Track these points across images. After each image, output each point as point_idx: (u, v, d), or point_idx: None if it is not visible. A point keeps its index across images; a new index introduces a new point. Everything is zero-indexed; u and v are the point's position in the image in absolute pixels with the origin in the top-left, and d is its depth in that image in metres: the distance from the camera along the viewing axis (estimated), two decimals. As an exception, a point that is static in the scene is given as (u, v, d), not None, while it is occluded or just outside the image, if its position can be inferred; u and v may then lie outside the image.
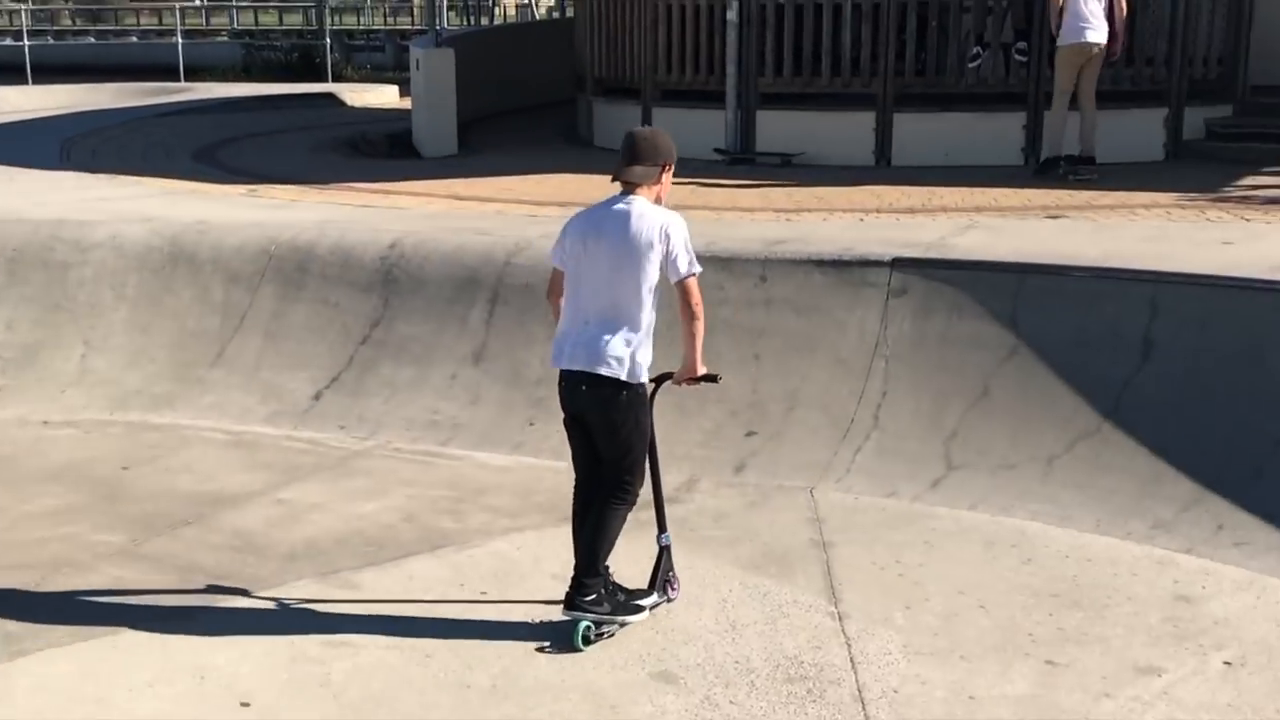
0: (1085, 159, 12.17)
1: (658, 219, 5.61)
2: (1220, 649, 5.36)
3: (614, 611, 5.55)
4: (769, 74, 14.01)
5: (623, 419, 5.56)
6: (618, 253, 5.55)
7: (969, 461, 7.19)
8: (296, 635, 5.54)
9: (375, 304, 9.27)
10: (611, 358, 5.49)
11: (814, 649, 5.39)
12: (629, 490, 5.61)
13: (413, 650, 5.39)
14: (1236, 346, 7.28)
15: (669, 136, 5.92)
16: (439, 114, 15.80)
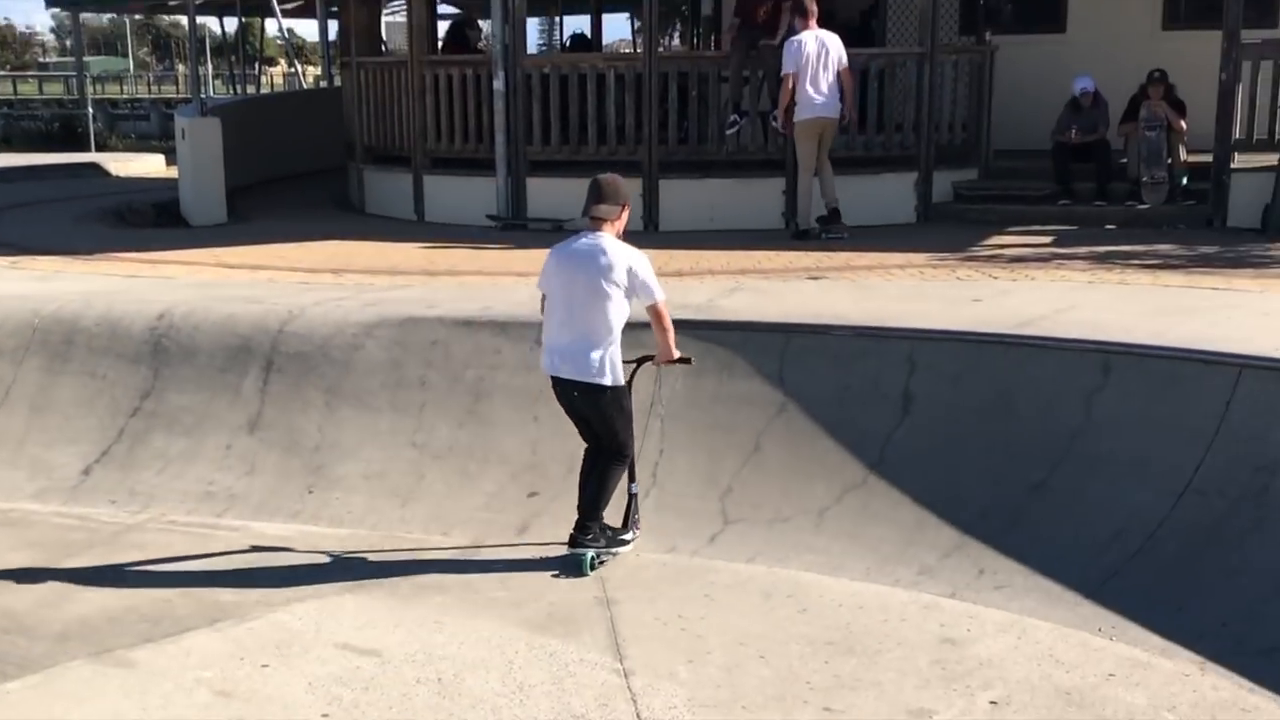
0: (832, 214, 12.67)
1: (624, 257, 6.90)
2: (986, 689, 5.61)
3: (608, 545, 7.03)
4: (537, 142, 14.21)
5: (610, 411, 6.95)
6: (593, 285, 6.85)
7: (745, 515, 7.40)
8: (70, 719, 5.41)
9: (145, 375, 9.11)
10: (595, 369, 6.84)
11: (600, 706, 5.48)
12: (624, 454, 7.05)
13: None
14: (989, 398, 7.68)
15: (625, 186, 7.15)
16: (206, 182, 15.60)
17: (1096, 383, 7.45)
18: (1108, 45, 14.99)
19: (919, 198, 13.92)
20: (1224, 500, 6.69)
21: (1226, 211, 12.62)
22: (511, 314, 8.94)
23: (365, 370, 8.81)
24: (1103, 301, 9.03)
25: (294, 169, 20.18)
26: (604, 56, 17.24)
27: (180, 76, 66.05)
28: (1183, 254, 11.21)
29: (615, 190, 7.07)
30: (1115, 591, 6.46)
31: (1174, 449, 6.99)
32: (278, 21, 32.10)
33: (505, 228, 14.03)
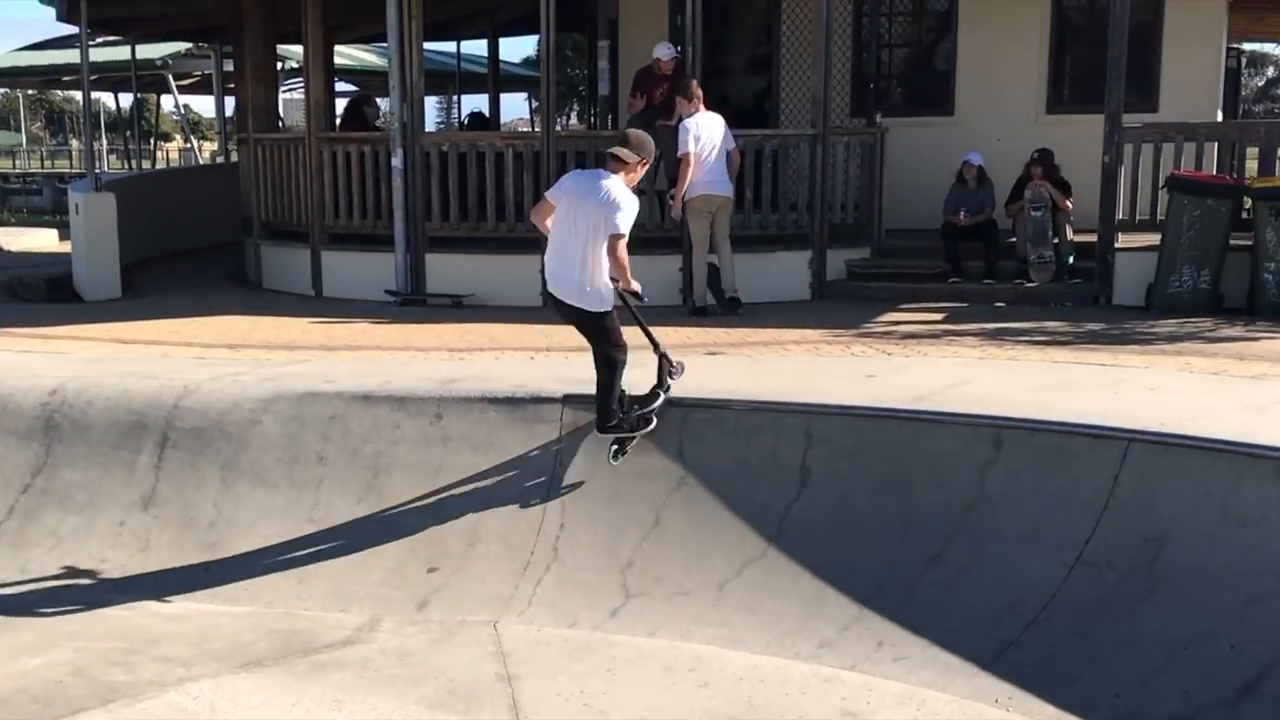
0: (731, 302, 12.89)
1: (619, 195, 7.80)
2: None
3: (632, 429, 8.08)
4: (436, 219, 14.24)
5: (598, 326, 7.98)
6: (589, 213, 7.80)
7: (646, 589, 7.43)
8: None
9: (37, 451, 8.96)
10: (583, 296, 7.89)
11: (502, 780, 5.47)
12: (615, 357, 7.98)
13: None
14: (885, 472, 7.79)
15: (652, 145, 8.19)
16: (100, 257, 15.42)
17: (989, 456, 7.59)
18: (994, 128, 15.37)
19: (813, 275, 14.10)
20: (1114, 571, 6.84)
21: (1112, 289, 12.95)
22: (411, 389, 8.93)
23: (262, 446, 8.73)
24: (994, 377, 9.21)
25: (190, 244, 20.03)
26: (502, 135, 17.35)
27: (74, 151, 65.38)
28: (1070, 331, 11.46)
29: (640, 143, 8.06)
30: (1011, 662, 6.56)
31: (1065, 521, 7.14)
32: (174, 97, 32.01)
33: (404, 303, 14.01)
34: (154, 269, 17.79)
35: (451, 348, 11.20)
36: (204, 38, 24.94)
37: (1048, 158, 13.75)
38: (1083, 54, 15.92)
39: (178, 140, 62.04)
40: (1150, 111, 14.70)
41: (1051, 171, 13.71)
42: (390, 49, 14.10)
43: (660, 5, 16.79)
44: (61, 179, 38.86)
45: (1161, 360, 9.83)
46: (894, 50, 17.16)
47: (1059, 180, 13.72)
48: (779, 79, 16.62)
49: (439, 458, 8.46)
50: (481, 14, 22.73)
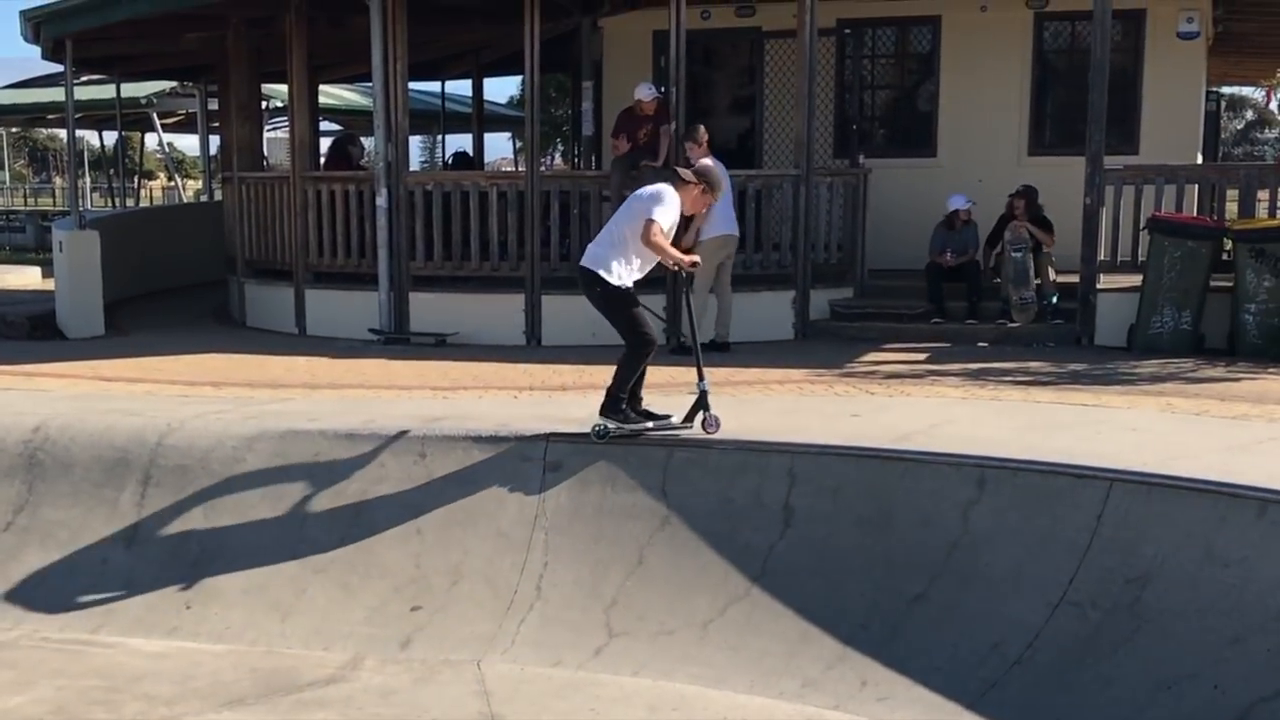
0: (722, 345, 12.94)
1: (665, 193, 8.42)
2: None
3: (623, 422, 8.43)
4: (420, 258, 14.27)
5: (610, 307, 8.47)
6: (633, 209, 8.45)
7: (629, 628, 7.42)
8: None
9: (19, 489, 8.94)
10: (598, 261, 8.41)
11: (485, 819, 5.45)
12: (632, 349, 8.46)
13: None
14: (869, 511, 7.80)
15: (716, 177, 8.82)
16: (84, 295, 15.42)
17: (972, 496, 7.61)
18: (977, 169, 15.48)
19: (797, 315, 14.15)
20: (1098, 611, 6.85)
21: (1094, 330, 13.01)
22: (395, 427, 8.93)
23: (245, 483, 8.72)
24: (977, 417, 9.24)
25: (174, 282, 20.04)
26: (486, 174, 17.39)
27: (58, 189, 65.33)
28: (1053, 371, 11.51)
29: (704, 171, 8.80)
30: (995, 702, 6.56)
31: (1049, 561, 7.15)
32: (158, 136, 32.02)
33: (388, 342, 14.02)
34: (138, 307, 17.79)
35: (435, 386, 11.21)
36: (189, 76, 24.97)
37: (1031, 193, 13.85)
38: (1064, 97, 16.07)
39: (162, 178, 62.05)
40: (1131, 154, 14.84)
41: (1034, 208, 13.80)
42: (375, 89, 14.15)
43: (644, 47, 16.90)
44: (45, 216, 38.92)
45: (1144, 401, 9.88)
46: (877, 92, 17.30)
47: (1040, 218, 13.81)
48: (762, 120, 16.75)
49: (422, 496, 8.45)
50: (466, 54, 22.81)
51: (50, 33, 15.89)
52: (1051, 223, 13.80)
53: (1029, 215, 13.75)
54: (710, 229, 12.78)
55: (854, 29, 16.36)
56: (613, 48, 17.43)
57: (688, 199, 8.57)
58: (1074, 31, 16.05)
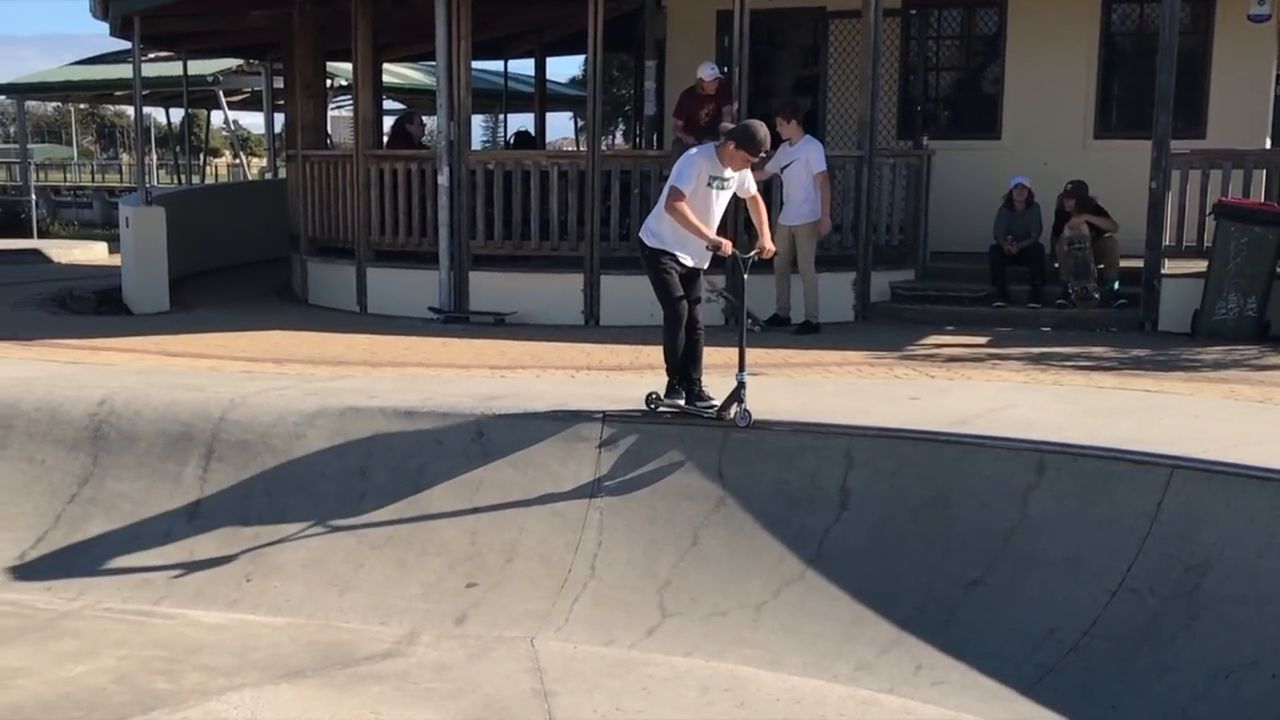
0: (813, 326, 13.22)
1: (682, 157, 8.48)
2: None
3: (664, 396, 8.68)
4: (480, 237, 14.32)
5: (647, 269, 8.67)
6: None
7: (682, 609, 7.42)
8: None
9: (84, 461, 9.06)
10: (646, 228, 8.64)
11: (537, 796, 5.48)
12: (665, 314, 8.67)
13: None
14: (926, 495, 7.77)
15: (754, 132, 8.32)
16: (150, 271, 15.58)
17: (1031, 481, 7.56)
18: (1041, 152, 15.34)
19: (857, 297, 14.11)
20: (1156, 598, 6.79)
21: (1158, 315, 12.89)
22: (453, 405, 8.97)
23: (306, 459, 8.79)
24: (1037, 401, 9.17)
25: (237, 259, 20.23)
26: (548, 154, 17.43)
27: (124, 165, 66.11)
28: (1115, 356, 11.41)
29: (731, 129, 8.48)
30: (1050, 689, 6.52)
31: (1107, 547, 7.09)
32: (224, 113, 32.30)
33: (447, 320, 14.09)
34: (202, 283, 17.98)
35: (493, 365, 11.26)
36: (254, 54, 25.17)
37: (1080, 189, 13.71)
38: (1131, 79, 15.88)
39: (227, 156, 62.63)
40: (1198, 138, 14.66)
41: (1086, 203, 13.66)
42: (439, 67, 14.21)
43: (707, 26, 16.86)
44: (112, 193, 39.42)
45: (1206, 387, 9.77)
46: (941, 73, 17.17)
47: (1093, 207, 13.67)
48: (826, 101, 16.66)
49: (479, 474, 8.49)
50: (529, 33, 22.86)
51: (118, 9, 16.06)
52: (1107, 212, 13.66)
53: (1083, 209, 13.61)
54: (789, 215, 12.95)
55: (919, 10, 16.27)
56: (676, 27, 17.39)
57: (727, 157, 8.40)
58: (1142, 14, 15.85)
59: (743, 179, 8.61)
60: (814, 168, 13.02)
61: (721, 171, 8.39)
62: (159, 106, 36.25)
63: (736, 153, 8.34)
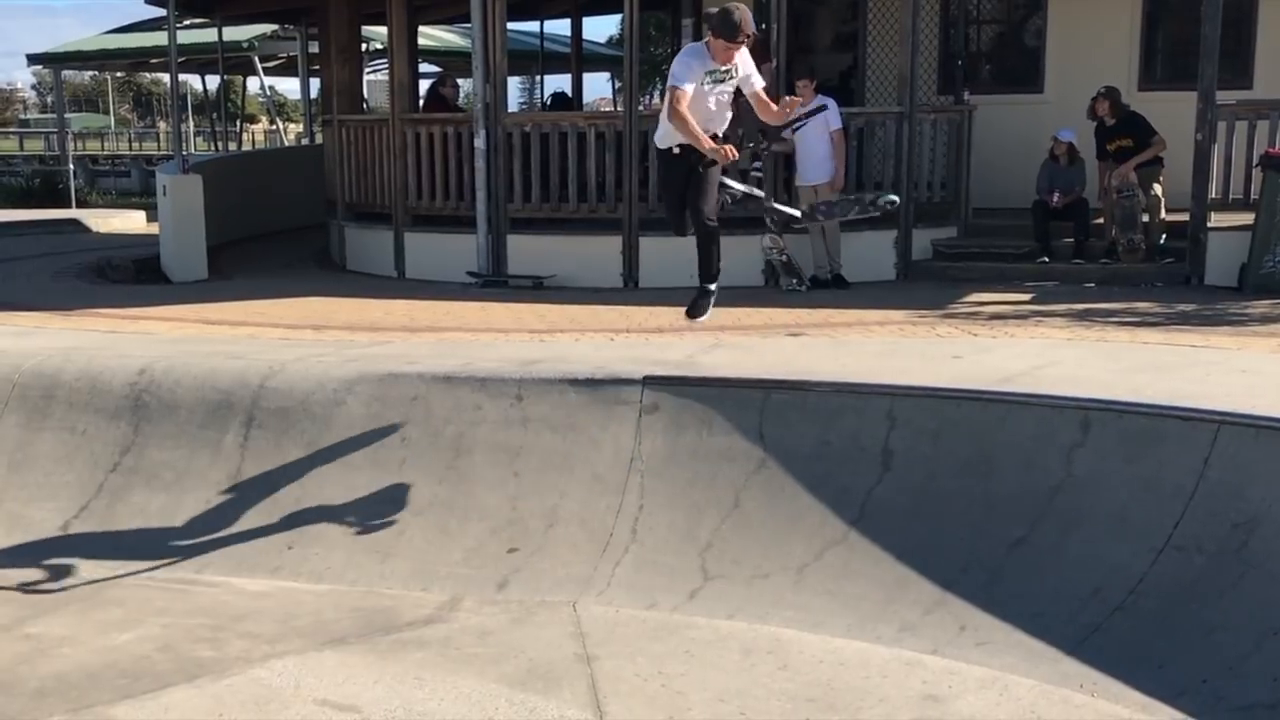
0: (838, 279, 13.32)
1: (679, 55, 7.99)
2: (968, 743, 5.61)
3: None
4: (518, 200, 14.27)
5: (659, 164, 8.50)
6: None
7: (724, 572, 7.39)
8: (50, 773, 5.37)
9: (125, 431, 9.08)
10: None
11: (580, 761, 5.47)
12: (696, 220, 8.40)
13: (174, 782, 5.29)
14: (970, 455, 7.69)
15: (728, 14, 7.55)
16: (187, 239, 15.63)
17: (1076, 439, 7.47)
18: (1084, 105, 15.12)
19: (899, 255, 14.01)
20: (1203, 556, 6.71)
21: (1204, 270, 12.74)
22: (492, 370, 8.94)
23: (346, 426, 8.79)
24: (1082, 358, 9.08)
25: (275, 226, 20.26)
26: (585, 115, 17.35)
27: (161, 133, 66.36)
28: (1161, 311, 11.29)
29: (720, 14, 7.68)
30: (1096, 648, 6.45)
31: (1153, 505, 7.01)
32: (259, 79, 32.31)
33: (485, 284, 14.08)
34: (240, 250, 18.02)
35: (532, 329, 11.24)
36: (289, 19, 25.16)
37: (1114, 94, 13.51)
38: (1175, 30, 15.67)
39: (263, 122, 62.77)
40: (1245, 88, 14.44)
41: (1119, 107, 13.45)
42: (474, 29, 14.15)
43: (744, -17, 16.70)
44: (149, 161, 39.57)
45: (1254, 342, 9.65)
46: (982, 27, 17.01)
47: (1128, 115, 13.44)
48: (865, 56, 16.52)
49: (519, 439, 8.47)
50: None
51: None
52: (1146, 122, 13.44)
53: (1116, 112, 13.40)
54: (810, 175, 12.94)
55: (960, -37, 16.07)
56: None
57: (714, 50, 7.74)
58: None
59: (745, 73, 7.92)
60: (833, 125, 13.08)
61: (715, 66, 7.78)
62: (195, 74, 36.33)
63: (717, 42, 7.69)
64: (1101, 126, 13.63)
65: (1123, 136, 13.48)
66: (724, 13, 7.58)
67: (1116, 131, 13.53)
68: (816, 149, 13.20)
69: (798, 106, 8.21)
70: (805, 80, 13.20)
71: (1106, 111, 13.42)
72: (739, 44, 7.64)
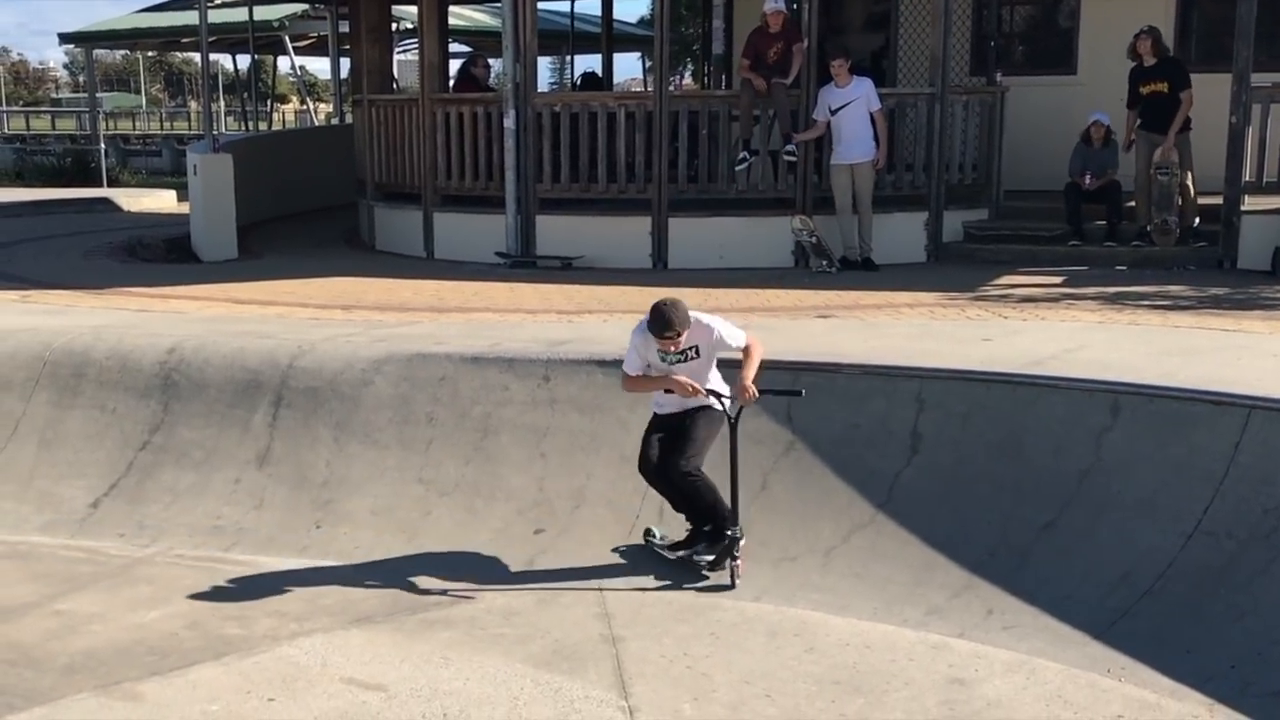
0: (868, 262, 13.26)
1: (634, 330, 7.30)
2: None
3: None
4: (547, 180, 14.25)
5: None
6: None
7: (751, 554, 7.37)
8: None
9: (155, 409, 9.13)
10: None
11: (606, 742, 5.47)
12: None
13: (201, 759, 5.32)
14: (999, 438, 7.66)
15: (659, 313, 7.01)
16: (218, 218, 15.65)
17: (1105, 423, 7.43)
18: (1118, 87, 14.99)
19: (929, 237, 13.94)
20: (1233, 542, 6.67)
21: (1237, 253, 12.63)
22: (520, 351, 8.95)
23: (374, 406, 8.81)
24: (1113, 342, 9.03)
25: (305, 205, 20.30)
26: (615, 95, 17.32)
27: (192, 113, 66.56)
28: (1193, 295, 11.21)
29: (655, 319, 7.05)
30: (1124, 633, 6.43)
31: (1183, 490, 6.97)
32: (290, 59, 32.36)
33: (514, 265, 14.07)
34: (270, 230, 18.07)
35: (560, 310, 11.23)
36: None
37: (1155, 33, 13.36)
38: (1211, 10, 15.51)
39: (294, 102, 62.86)
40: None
41: (1160, 47, 13.29)
42: (504, 9, 14.11)
43: (777, -38, 16.62)
44: (180, 140, 39.71)
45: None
46: (1015, 7, 16.88)
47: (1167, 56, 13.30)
48: (897, 36, 16.41)
49: (546, 420, 8.47)
50: (596, -27, 22.70)
51: (185, -44, 16.09)
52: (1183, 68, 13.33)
53: (1158, 54, 13.23)
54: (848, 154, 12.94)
55: (992, -58, 15.95)
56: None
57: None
58: (1222, -57, 15.46)
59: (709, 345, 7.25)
60: (874, 105, 13.07)
61: (664, 351, 7.16)
62: (226, 53, 36.40)
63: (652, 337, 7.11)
64: (1139, 68, 13.43)
65: (1158, 80, 13.25)
66: (653, 310, 7.04)
67: (1153, 74, 13.30)
68: (859, 128, 13.16)
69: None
70: (840, 59, 13.17)
71: (1148, 50, 13.23)
72: (668, 340, 7.04)
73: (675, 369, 7.20)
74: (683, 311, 7.01)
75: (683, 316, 7.00)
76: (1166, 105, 13.14)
